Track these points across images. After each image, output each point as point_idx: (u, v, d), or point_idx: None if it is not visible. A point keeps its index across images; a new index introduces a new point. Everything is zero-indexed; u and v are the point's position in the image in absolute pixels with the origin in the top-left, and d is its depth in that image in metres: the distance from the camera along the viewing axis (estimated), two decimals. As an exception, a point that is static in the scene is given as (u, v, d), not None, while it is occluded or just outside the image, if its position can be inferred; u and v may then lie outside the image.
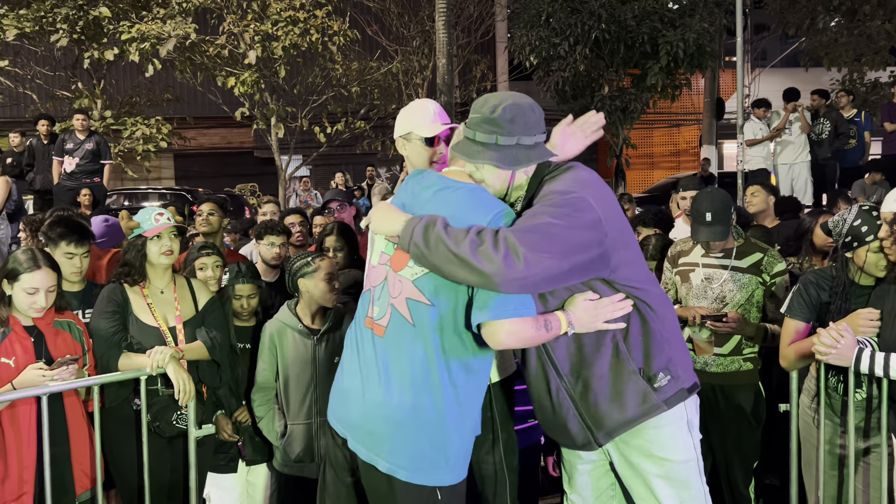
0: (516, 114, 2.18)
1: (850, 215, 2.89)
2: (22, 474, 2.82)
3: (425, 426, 2.14)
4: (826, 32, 13.81)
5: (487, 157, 2.19)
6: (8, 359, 2.80)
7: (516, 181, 2.27)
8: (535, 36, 12.33)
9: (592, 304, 2.21)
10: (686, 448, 2.33)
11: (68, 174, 9.03)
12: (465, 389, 2.18)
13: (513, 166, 2.20)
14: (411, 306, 2.16)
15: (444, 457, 2.17)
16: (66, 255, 3.35)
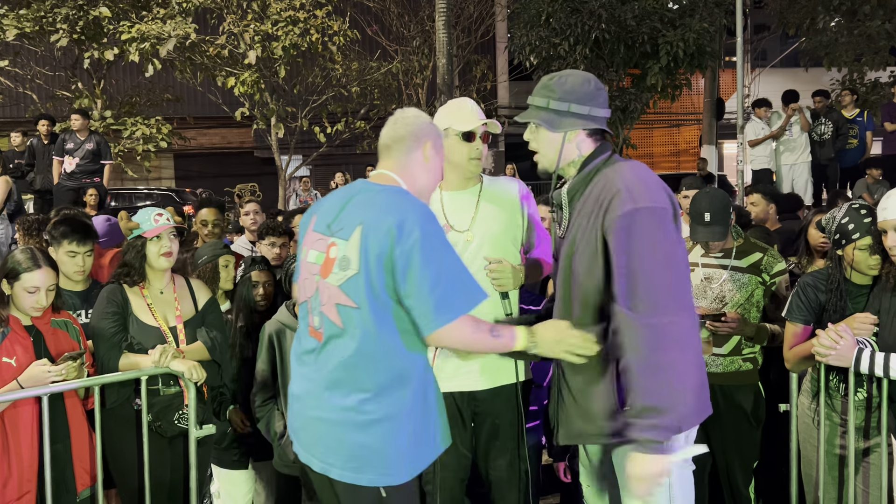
0: (572, 82, 2.29)
1: (839, 213, 2.91)
2: (25, 473, 2.83)
3: (358, 426, 2.15)
4: (826, 32, 13.80)
5: (536, 117, 2.30)
6: (9, 358, 2.81)
7: (566, 153, 2.31)
8: (535, 36, 12.33)
9: (561, 331, 2.25)
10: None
11: (68, 174, 9.04)
12: (399, 389, 2.17)
13: (560, 129, 2.27)
14: (340, 311, 2.17)
15: (381, 456, 2.15)
16: (68, 253, 3.36)
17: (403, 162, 2.31)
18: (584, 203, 2.27)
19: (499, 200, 2.95)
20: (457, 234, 2.88)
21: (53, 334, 2.97)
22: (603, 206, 2.17)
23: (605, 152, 2.33)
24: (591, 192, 2.26)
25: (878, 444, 2.86)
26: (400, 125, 2.34)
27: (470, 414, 2.95)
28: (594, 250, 2.19)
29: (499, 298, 2.86)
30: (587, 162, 2.32)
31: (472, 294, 2.15)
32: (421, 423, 2.21)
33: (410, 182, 2.31)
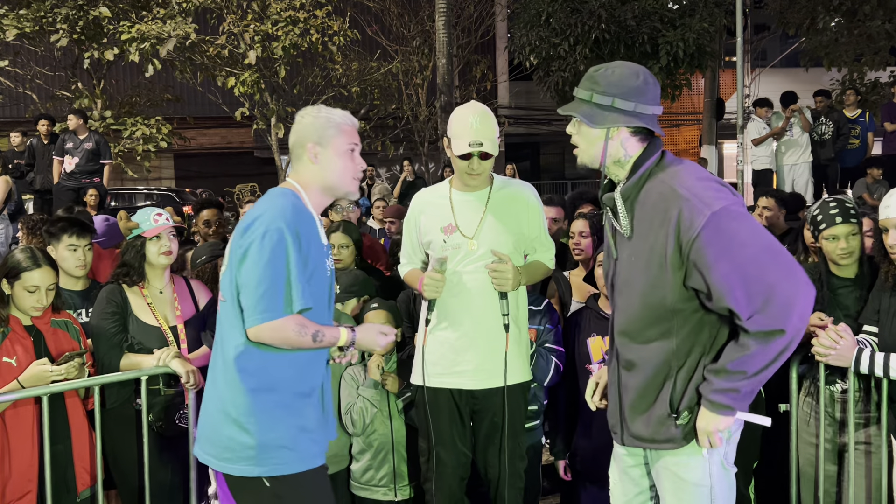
0: (619, 74, 2.14)
1: (813, 207, 3.02)
2: (25, 473, 2.83)
3: (227, 416, 2.26)
4: (826, 32, 13.79)
5: (577, 110, 2.16)
6: (10, 358, 2.81)
7: (611, 151, 2.18)
8: (535, 36, 12.33)
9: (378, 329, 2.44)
10: (701, 472, 2.23)
11: (68, 174, 9.04)
12: (266, 378, 2.25)
13: (600, 125, 2.13)
14: (221, 306, 2.34)
15: (251, 448, 2.23)
16: (69, 247, 3.36)
17: (297, 168, 2.42)
18: (642, 210, 2.16)
19: (507, 207, 2.93)
20: (462, 238, 2.89)
21: (54, 334, 2.97)
22: (672, 221, 2.06)
23: (656, 153, 2.19)
24: (645, 197, 2.16)
25: (878, 444, 2.86)
26: (290, 136, 2.43)
27: (468, 412, 2.96)
28: (660, 264, 2.11)
29: (497, 298, 2.86)
30: (638, 163, 2.18)
31: (297, 300, 2.21)
32: (297, 410, 2.29)
33: (308, 187, 2.38)
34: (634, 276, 2.19)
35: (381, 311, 3.27)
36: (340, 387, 3.24)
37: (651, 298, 2.16)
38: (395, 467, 3.23)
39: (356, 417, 3.17)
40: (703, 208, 2.02)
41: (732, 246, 2.01)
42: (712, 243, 2.01)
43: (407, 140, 16.47)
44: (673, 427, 2.20)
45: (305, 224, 2.28)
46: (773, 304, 2.00)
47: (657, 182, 2.15)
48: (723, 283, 2.02)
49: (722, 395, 2.11)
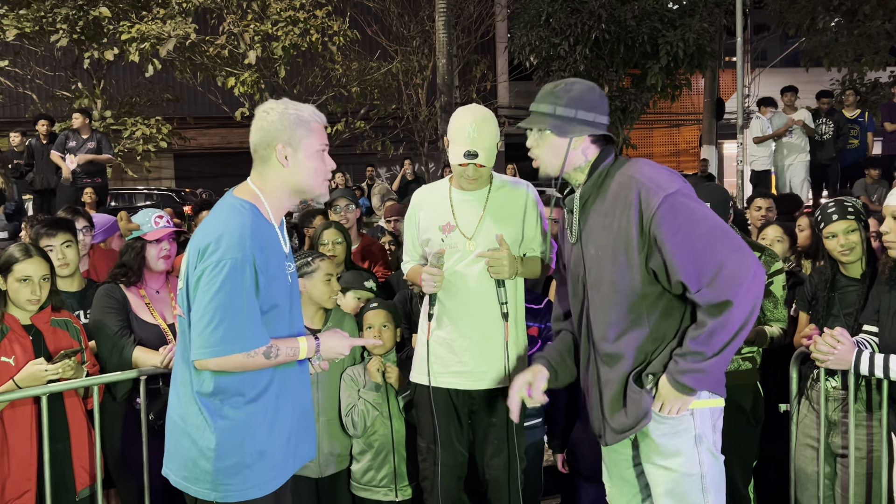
0: (578, 89, 2.33)
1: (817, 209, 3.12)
2: (24, 472, 2.83)
3: (187, 436, 2.19)
4: (826, 32, 13.78)
5: (544, 123, 2.33)
6: (8, 357, 2.81)
7: (572, 159, 2.35)
8: (535, 36, 12.33)
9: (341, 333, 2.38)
10: (689, 462, 2.30)
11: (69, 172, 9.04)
12: (230, 401, 2.17)
13: (567, 135, 2.31)
14: (179, 321, 2.26)
15: (208, 472, 2.16)
16: (46, 248, 3.33)
17: (261, 171, 2.25)
18: (602, 204, 2.31)
19: (506, 208, 2.93)
20: (461, 237, 2.89)
21: (53, 333, 2.97)
22: (633, 204, 2.22)
23: (610, 155, 2.38)
24: (605, 193, 2.32)
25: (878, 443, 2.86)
26: (253, 133, 2.25)
27: (466, 412, 2.96)
28: (625, 248, 2.25)
29: (495, 296, 2.87)
30: (595, 166, 2.36)
31: (249, 339, 2.11)
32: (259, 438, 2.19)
33: (274, 191, 2.24)
34: (603, 268, 2.31)
35: (380, 311, 3.27)
36: (341, 388, 3.24)
37: (621, 284, 2.28)
38: (396, 468, 3.23)
39: (357, 419, 3.17)
40: (659, 190, 2.20)
41: (686, 222, 2.17)
42: (667, 220, 2.18)
43: (407, 140, 16.48)
44: (645, 398, 2.29)
45: (262, 241, 2.16)
46: (721, 276, 2.13)
47: (616, 176, 2.32)
48: (676, 256, 2.17)
49: (687, 375, 2.21)
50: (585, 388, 2.50)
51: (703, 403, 2.30)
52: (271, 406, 2.23)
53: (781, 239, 4.09)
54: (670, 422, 2.29)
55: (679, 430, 2.29)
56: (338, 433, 3.22)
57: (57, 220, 3.50)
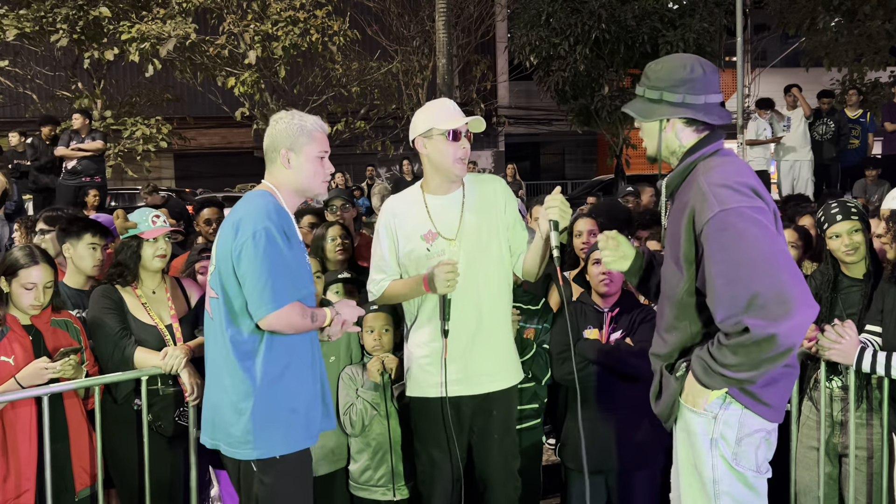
0: (666, 68, 2.22)
1: (819, 210, 3.09)
2: (24, 472, 2.82)
3: (231, 406, 2.48)
4: (826, 32, 13.79)
5: (632, 107, 2.28)
6: (7, 357, 2.81)
7: (667, 142, 2.27)
8: (535, 36, 12.34)
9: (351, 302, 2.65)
10: (702, 463, 2.24)
11: (69, 170, 9.05)
12: (261, 370, 2.46)
13: (648, 118, 2.24)
14: (211, 303, 2.58)
15: (249, 431, 2.45)
16: (90, 245, 3.30)
17: (270, 171, 2.61)
18: (679, 199, 2.26)
19: (482, 204, 2.90)
20: (444, 241, 2.85)
21: (53, 333, 2.96)
22: (686, 214, 2.15)
23: (707, 146, 2.24)
24: (683, 188, 2.24)
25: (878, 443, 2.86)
26: (265, 139, 2.61)
27: (468, 416, 2.93)
28: (676, 257, 2.22)
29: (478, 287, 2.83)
30: (686, 155, 2.26)
31: (296, 288, 2.46)
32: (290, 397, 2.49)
33: (282, 188, 2.58)
34: (666, 265, 2.31)
35: (380, 314, 3.24)
36: (339, 387, 3.24)
37: (672, 285, 2.26)
38: (394, 467, 3.23)
39: (355, 419, 3.16)
40: (715, 205, 2.07)
41: (731, 245, 2.03)
42: (713, 238, 2.07)
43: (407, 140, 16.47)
44: (674, 385, 2.26)
45: (286, 222, 2.50)
46: (752, 310, 1.99)
47: (696, 174, 2.20)
48: (713, 279, 2.07)
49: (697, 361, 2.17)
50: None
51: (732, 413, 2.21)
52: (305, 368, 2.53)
53: (796, 245, 3.84)
54: (694, 417, 2.24)
55: (699, 430, 2.24)
56: (335, 432, 3.21)
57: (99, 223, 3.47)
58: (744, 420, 2.20)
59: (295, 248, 2.51)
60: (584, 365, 3.10)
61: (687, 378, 2.23)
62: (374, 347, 3.21)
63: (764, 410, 2.20)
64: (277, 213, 2.47)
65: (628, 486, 3.13)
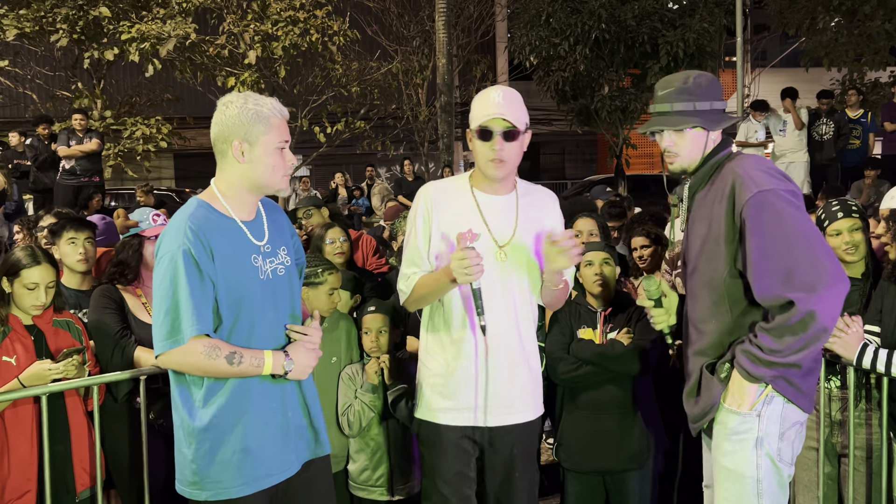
0: (706, 81, 2.42)
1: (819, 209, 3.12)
2: (25, 472, 2.82)
3: (179, 438, 2.22)
4: (826, 32, 13.79)
5: (692, 121, 2.38)
6: (9, 357, 2.81)
7: (708, 148, 2.42)
8: (535, 36, 12.34)
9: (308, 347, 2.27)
10: (747, 463, 2.27)
11: (67, 170, 9.07)
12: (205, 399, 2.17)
13: (715, 126, 2.40)
14: None
15: (195, 472, 2.19)
16: (69, 240, 3.37)
17: (221, 166, 2.25)
18: (706, 195, 2.38)
19: (538, 217, 2.57)
20: (492, 243, 2.50)
21: (55, 334, 2.97)
22: (726, 196, 2.27)
23: (728, 147, 2.45)
24: (712, 183, 2.38)
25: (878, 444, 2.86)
26: (212, 126, 2.22)
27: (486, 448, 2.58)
28: (716, 238, 2.30)
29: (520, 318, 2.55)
30: (710, 156, 2.43)
31: (189, 326, 2.08)
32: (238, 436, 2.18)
33: (233, 187, 2.23)
34: (699, 258, 2.37)
35: (377, 315, 3.23)
36: (339, 387, 3.24)
37: (710, 275, 2.32)
38: (392, 467, 3.23)
39: (353, 420, 3.16)
40: (752, 185, 2.22)
41: (769, 222, 2.18)
42: (752, 215, 2.20)
43: (407, 140, 16.48)
44: (716, 387, 2.30)
45: (207, 233, 2.14)
46: (791, 281, 2.12)
47: (726, 168, 2.36)
48: (751, 254, 2.19)
49: (744, 357, 2.23)
50: (687, 373, 2.50)
51: (775, 408, 2.26)
52: (253, 403, 2.20)
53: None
54: (735, 418, 2.27)
55: (742, 429, 2.27)
56: (334, 433, 3.21)
57: (80, 218, 3.53)
58: (786, 413, 2.28)
59: (225, 260, 2.16)
60: (579, 365, 3.10)
61: (732, 379, 2.27)
62: (371, 349, 3.21)
63: (803, 401, 2.29)
64: (193, 228, 2.12)
65: (624, 486, 3.13)
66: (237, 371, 2.14)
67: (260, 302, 2.22)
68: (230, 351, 2.12)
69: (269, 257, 2.27)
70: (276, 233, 2.33)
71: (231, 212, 2.23)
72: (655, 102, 2.46)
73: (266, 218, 2.33)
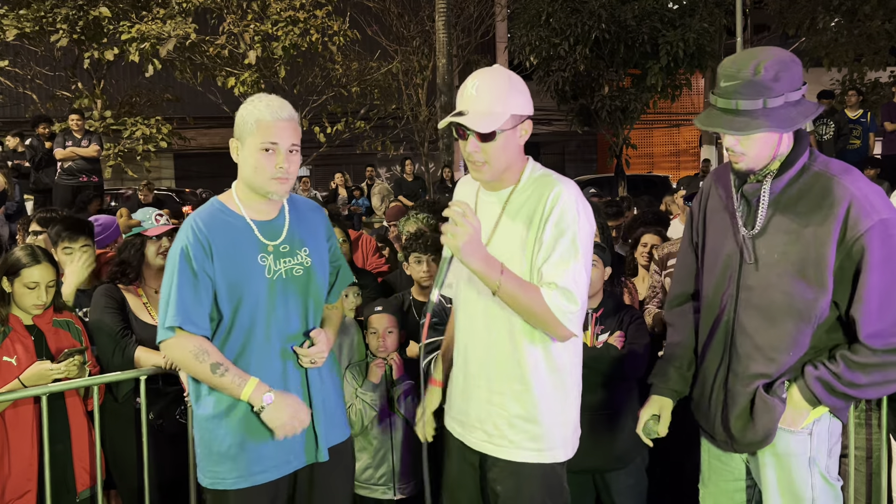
0: (779, 70, 1.97)
1: None
2: (25, 472, 2.83)
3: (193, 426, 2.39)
4: (826, 32, 13.81)
5: (760, 126, 1.97)
6: (10, 357, 2.81)
7: (782, 149, 2.07)
8: (535, 36, 12.35)
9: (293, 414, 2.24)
10: (802, 484, 2.13)
11: (65, 170, 9.08)
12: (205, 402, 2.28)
13: (789, 127, 1.99)
14: None
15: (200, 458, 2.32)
16: (64, 250, 3.38)
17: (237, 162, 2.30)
18: (796, 206, 2.05)
19: (524, 212, 2.13)
20: None
21: (55, 334, 2.97)
22: (838, 216, 1.97)
23: (807, 147, 2.11)
24: (804, 194, 2.05)
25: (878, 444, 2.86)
26: None
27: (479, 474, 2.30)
28: (817, 262, 2.00)
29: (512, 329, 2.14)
30: (794, 157, 2.08)
31: (170, 315, 2.16)
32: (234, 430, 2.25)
33: (240, 185, 2.30)
34: (780, 278, 2.06)
35: (384, 315, 3.22)
36: (341, 386, 3.24)
37: (797, 301, 2.04)
38: (395, 466, 3.23)
39: (354, 419, 3.16)
40: (873, 212, 1.94)
41: (893, 256, 1.94)
42: (874, 247, 1.94)
43: (407, 140, 16.49)
44: (777, 408, 2.09)
45: (209, 231, 2.20)
46: None
47: (816, 176, 2.05)
48: (866, 290, 1.96)
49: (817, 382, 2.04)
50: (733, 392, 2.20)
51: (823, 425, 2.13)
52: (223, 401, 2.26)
53: None
54: (788, 437, 2.12)
55: (795, 451, 2.13)
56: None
57: (76, 222, 3.51)
58: (832, 429, 2.14)
59: (224, 257, 2.20)
60: None
61: (794, 397, 2.09)
62: (378, 349, 3.21)
63: (845, 414, 2.14)
64: (197, 225, 2.20)
65: (614, 484, 3.13)
66: (217, 382, 2.19)
67: (265, 300, 2.24)
68: (217, 361, 2.18)
69: (284, 257, 2.29)
70: (299, 234, 2.34)
71: (242, 210, 2.28)
72: (718, 95, 2.02)
73: (290, 218, 2.34)
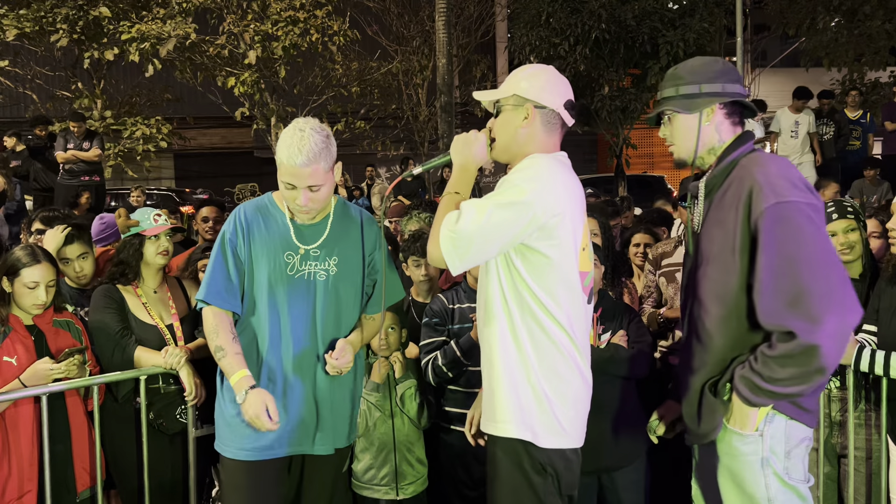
0: (699, 63, 2.25)
1: None
2: (25, 472, 2.83)
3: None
4: (826, 32, 13.80)
5: (671, 105, 2.23)
6: (10, 357, 2.81)
7: (705, 138, 2.22)
8: (535, 36, 12.34)
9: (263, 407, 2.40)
10: (755, 484, 2.13)
11: (67, 170, 9.08)
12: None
13: (692, 110, 2.20)
14: None
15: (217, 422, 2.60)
16: (62, 260, 3.37)
17: None
18: (723, 196, 2.15)
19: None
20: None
21: (55, 334, 2.97)
22: (743, 202, 2.06)
23: (747, 142, 2.21)
24: (729, 184, 2.15)
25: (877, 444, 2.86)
26: None
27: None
28: (731, 247, 2.09)
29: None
30: (727, 151, 2.20)
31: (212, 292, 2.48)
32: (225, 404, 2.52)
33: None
34: (709, 266, 2.16)
35: (386, 314, 3.23)
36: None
37: (720, 287, 2.12)
38: (397, 466, 3.23)
39: (358, 419, 3.17)
40: (771, 195, 2.01)
41: (785, 238, 1.97)
42: (767, 229, 2.00)
43: (407, 140, 16.48)
44: (720, 409, 2.14)
45: (250, 222, 2.53)
46: (797, 309, 1.93)
47: (741, 169, 2.14)
48: (760, 270, 2.00)
49: (742, 384, 2.06)
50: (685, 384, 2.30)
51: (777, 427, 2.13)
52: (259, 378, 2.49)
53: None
54: (739, 438, 2.14)
55: (747, 450, 2.14)
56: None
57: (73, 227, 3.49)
58: (790, 431, 2.13)
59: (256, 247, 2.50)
60: None
61: (733, 401, 2.12)
62: (380, 347, 3.21)
63: (807, 417, 2.15)
64: (243, 215, 2.54)
65: (619, 481, 3.13)
66: (218, 362, 2.48)
67: (284, 294, 2.49)
68: (220, 344, 2.45)
69: (312, 261, 2.52)
70: (336, 243, 2.55)
71: (286, 208, 2.55)
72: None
73: (331, 228, 2.56)
